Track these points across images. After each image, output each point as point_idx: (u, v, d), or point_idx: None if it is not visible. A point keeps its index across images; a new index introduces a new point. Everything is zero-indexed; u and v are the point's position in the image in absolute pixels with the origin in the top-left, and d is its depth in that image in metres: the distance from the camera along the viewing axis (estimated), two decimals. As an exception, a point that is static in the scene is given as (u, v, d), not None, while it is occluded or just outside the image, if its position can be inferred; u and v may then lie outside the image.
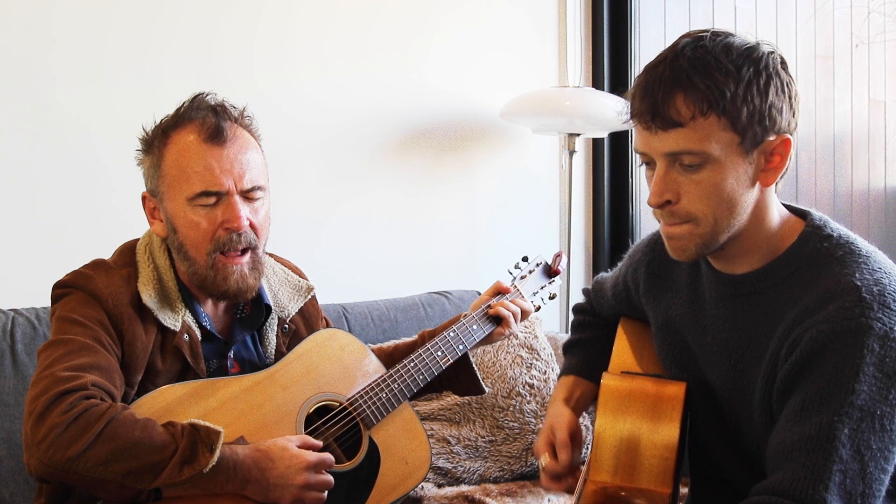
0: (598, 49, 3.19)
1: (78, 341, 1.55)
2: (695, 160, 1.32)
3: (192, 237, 1.64)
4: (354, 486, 1.70)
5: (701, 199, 1.34)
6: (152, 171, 1.67)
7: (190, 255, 1.65)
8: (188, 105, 1.67)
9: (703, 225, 1.35)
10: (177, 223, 1.65)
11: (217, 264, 1.64)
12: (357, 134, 2.76)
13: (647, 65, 1.36)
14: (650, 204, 1.38)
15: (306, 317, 1.86)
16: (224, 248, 1.63)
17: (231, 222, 1.62)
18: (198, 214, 1.63)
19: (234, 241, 1.63)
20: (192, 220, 1.63)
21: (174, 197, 1.64)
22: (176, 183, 1.63)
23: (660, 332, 1.59)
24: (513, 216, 3.07)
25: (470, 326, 1.91)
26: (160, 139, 1.65)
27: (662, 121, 1.31)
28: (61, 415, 1.43)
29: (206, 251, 1.63)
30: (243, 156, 1.64)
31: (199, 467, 1.46)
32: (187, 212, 1.63)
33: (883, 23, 3.10)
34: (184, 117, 1.65)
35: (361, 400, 1.76)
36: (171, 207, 1.65)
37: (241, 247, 1.64)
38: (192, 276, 1.67)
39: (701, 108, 1.29)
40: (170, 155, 1.64)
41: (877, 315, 1.26)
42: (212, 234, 1.63)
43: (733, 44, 1.32)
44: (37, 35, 2.27)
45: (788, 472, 1.24)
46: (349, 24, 2.73)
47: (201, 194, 1.62)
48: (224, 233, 1.63)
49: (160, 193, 1.66)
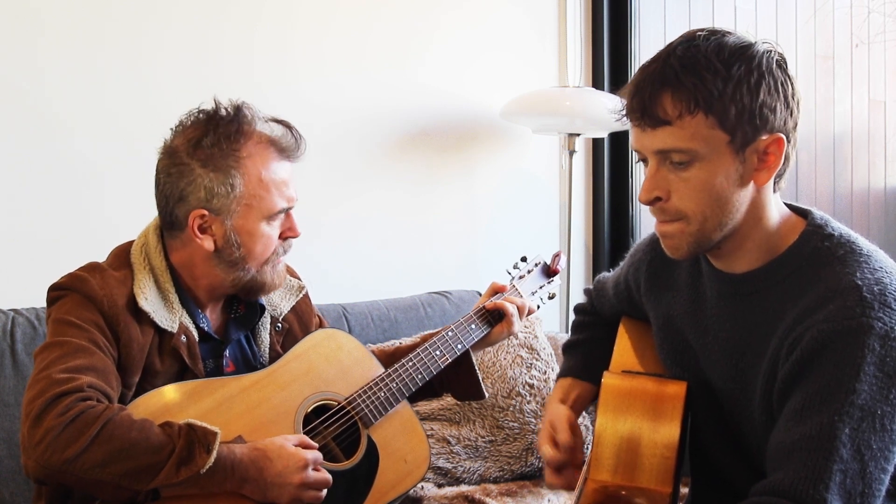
0: (598, 49, 3.19)
1: (74, 343, 1.54)
2: (683, 158, 1.33)
3: (260, 251, 1.67)
4: (353, 485, 1.70)
5: (690, 196, 1.34)
6: (223, 189, 1.61)
7: (247, 265, 1.67)
8: (234, 114, 1.64)
9: (693, 223, 1.36)
10: (243, 238, 1.65)
11: (266, 267, 1.69)
12: (357, 134, 2.76)
13: (643, 63, 1.38)
14: (640, 200, 1.39)
15: (299, 315, 1.86)
16: (282, 255, 1.72)
17: (294, 232, 1.71)
18: (272, 230, 1.67)
19: (287, 248, 1.73)
20: (266, 235, 1.67)
21: (249, 214, 1.64)
22: (261, 202, 1.64)
23: (661, 331, 1.59)
24: (513, 216, 3.07)
25: (468, 326, 1.91)
26: (232, 157, 1.62)
27: (651, 119, 1.33)
28: (58, 417, 1.43)
29: (266, 260, 1.68)
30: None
31: (196, 468, 1.46)
32: (263, 228, 1.66)
33: (883, 23, 3.09)
34: (242, 130, 1.64)
35: (360, 399, 1.76)
36: (240, 223, 1.64)
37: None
38: (235, 283, 1.69)
39: (688, 106, 1.30)
40: (252, 174, 1.63)
41: (878, 314, 1.25)
42: (275, 245, 1.69)
43: (727, 42, 1.32)
44: (31, 34, 2.26)
45: (789, 471, 1.24)
46: (349, 24, 2.73)
47: (282, 211, 1.68)
48: (282, 241, 1.71)
49: (228, 210, 1.63)
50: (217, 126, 1.63)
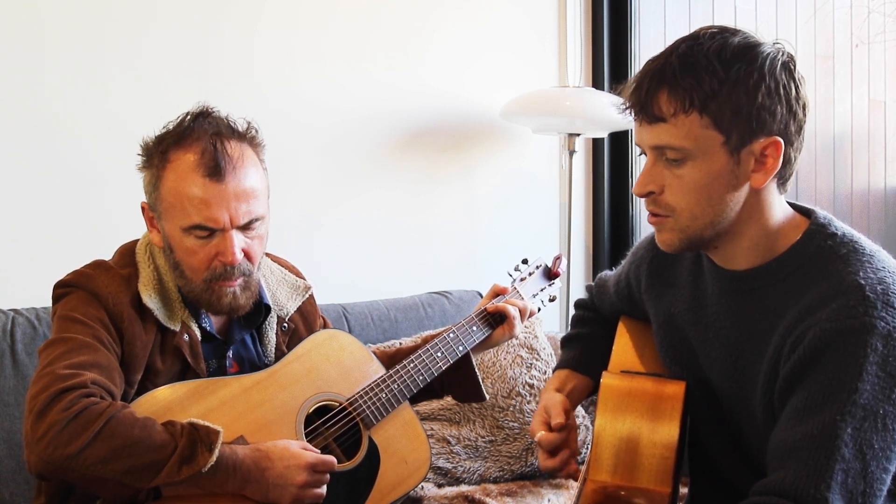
0: (598, 49, 3.19)
1: (78, 339, 1.55)
2: (677, 155, 1.34)
3: (188, 262, 1.64)
4: (354, 486, 1.70)
5: (682, 193, 1.36)
6: (150, 187, 1.65)
7: (186, 274, 1.65)
8: (191, 122, 1.64)
9: (682, 219, 1.37)
10: (173, 244, 1.64)
11: (212, 287, 1.64)
12: (357, 134, 2.76)
13: (648, 60, 1.39)
14: (635, 192, 1.41)
15: (305, 315, 1.86)
16: (219, 278, 1.63)
17: (226, 257, 1.62)
18: (193, 243, 1.62)
19: (229, 273, 1.63)
20: (188, 247, 1.62)
21: (170, 220, 1.63)
22: (172, 209, 1.61)
23: (661, 329, 1.59)
24: (513, 216, 3.07)
25: (470, 328, 1.91)
26: (160, 158, 1.63)
27: (647, 115, 1.34)
28: (61, 412, 1.44)
29: (201, 277, 1.64)
30: (242, 189, 1.61)
31: (197, 467, 1.46)
32: (183, 238, 1.62)
33: (883, 23, 3.09)
34: (185, 136, 1.62)
35: (361, 400, 1.76)
36: (167, 228, 1.64)
37: (236, 277, 1.64)
38: (187, 291, 1.67)
39: (683, 105, 1.31)
40: (168, 180, 1.61)
41: (880, 314, 1.26)
42: (207, 264, 1.63)
43: (731, 42, 1.32)
44: (32, 34, 2.27)
45: (790, 470, 1.24)
46: (349, 24, 2.73)
47: (196, 227, 1.60)
48: (219, 264, 1.63)
49: (158, 212, 1.65)
50: (172, 129, 1.65)
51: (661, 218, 1.40)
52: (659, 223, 1.41)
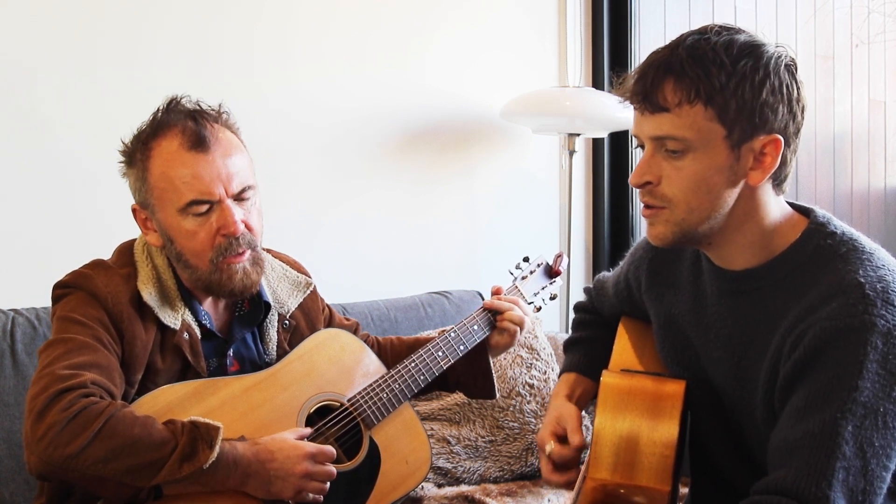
0: (598, 49, 3.19)
1: (78, 340, 1.55)
2: (678, 146, 1.34)
3: (191, 246, 1.63)
4: (355, 486, 1.70)
5: (680, 185, 1.35)
6: (139, 184, 1.65)
7: (191, 262, 1.64)
8: (164, 111, 1.65)
9: (678, 211, 1.37)
10: (172, 234, 1.64)
11: (221, 266, 1.63)
12: (357, 134, 2.77)
13: (651, 52, 1.38)
14: (631, 182, 1.40)
15: (306, 312, 1.86)
16: (226, 252, 1.63)
17: (227, 227, 1.61)
18: (192, 223, 1.61)
19: (235, 246, 1.63)
20: (188, 230, 1.62)
21: (165, 208, 1.62)
22: (165, 195, 1.61)
23: (661, 329, 1.59)
24: (513, 216, 3.07)
25: (471, 327, 1.91)
26: (142, 151, 1.63)
27: (651, 104, 1.34)
28: (61, 412, 1.44)
29: (208, 258, 1.63)
30: (229, 159, 1.62)
31: (198, 463, 1.46)
32: (181, 222, 1.62)
33: (883, 23, 3.09)
34: (162, 125, 1.63)
35: (362, 400, 1.76)
36: (163, 219, 1.64)
37: (242, 249, 1.63)
38: (195, 282, 1.66)
39: (688, 95, 1.31)
40: (155, 167, 1.62)
41: (880, 312, 1.26)
42: (211, 243, 1.62)
43: (738, 40, 1.33)
44: (26, 34, 2.26)
45: (791, 469, 1.24)
46: (349, 24, 2.73)
47: (192, 203, 1.60)
48: (223, 239, 1.62)
49: (150, 206, 1.64)
50: (147, 124, 1.66)
51: (655, 210, 1.39)
52: (653, 215, 1.40)
